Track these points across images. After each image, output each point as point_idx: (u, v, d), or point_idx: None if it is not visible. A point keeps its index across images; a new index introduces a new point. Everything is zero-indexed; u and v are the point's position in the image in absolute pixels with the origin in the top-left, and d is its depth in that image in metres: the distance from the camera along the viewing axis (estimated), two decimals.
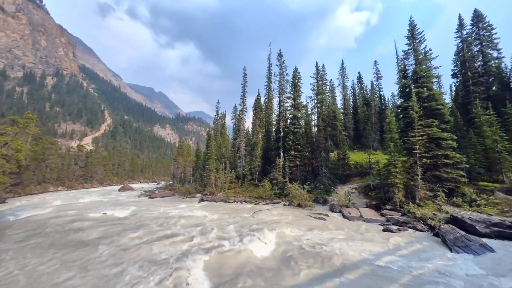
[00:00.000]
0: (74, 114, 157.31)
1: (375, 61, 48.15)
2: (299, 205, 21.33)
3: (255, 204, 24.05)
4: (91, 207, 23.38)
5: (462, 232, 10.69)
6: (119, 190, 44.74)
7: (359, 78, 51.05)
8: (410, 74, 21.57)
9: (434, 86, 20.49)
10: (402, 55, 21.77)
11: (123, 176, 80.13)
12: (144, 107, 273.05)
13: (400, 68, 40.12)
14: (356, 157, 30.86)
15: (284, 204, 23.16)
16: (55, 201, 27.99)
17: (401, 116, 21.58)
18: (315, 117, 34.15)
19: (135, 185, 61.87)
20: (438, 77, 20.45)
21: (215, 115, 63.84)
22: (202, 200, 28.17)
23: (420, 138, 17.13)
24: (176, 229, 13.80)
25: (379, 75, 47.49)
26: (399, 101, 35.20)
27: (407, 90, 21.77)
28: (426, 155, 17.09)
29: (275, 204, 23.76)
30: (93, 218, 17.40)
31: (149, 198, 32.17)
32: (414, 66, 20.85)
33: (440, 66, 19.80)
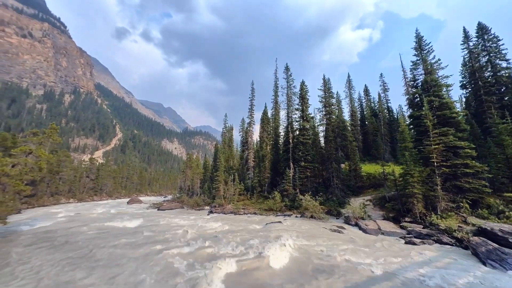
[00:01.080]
0: (88, 129, 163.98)
1: (381, 74, 48.74)
2: (311, 217, 20.63)
3: (266, 216, 23.44)
4: (103, 218, 23.42)
5: (495, 245, 9.93)
6: (127, 202, 44.85)
7: (366, 91, 51.44)
8: (419, 84, 21.63)
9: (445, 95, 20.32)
10: (411, 66, 22.02)
11: (131, 189, 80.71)
12: (153, 122, 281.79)
13: (406, 81, 40.37)
14: (368, 168, 30.10)
15: (296, 216, 22.46)
16: (68, 212, 28.28)
17: (412, 126, 21.28)
18: (323, 128, 34.21)
19: (142, 198, 61.93)
20: (449, 86, 20.31)
21: (223, 128, 64.92)
22: (211, 212, 27.75)
23: (437, 146, 16.68)
24: (188, 239, 13.52)
25: (386, 87, 47.75)
26: (408, 112, 34.95)
27: (417, 99, 21.72)
28: (444, 164, 16.50)
29: (286, 216, 23.06)
30: (106, 228, 17.36)
31: (157, 210, 32.00)
32: (423, 76, 20.97)
33: (451, 75, 19.80)
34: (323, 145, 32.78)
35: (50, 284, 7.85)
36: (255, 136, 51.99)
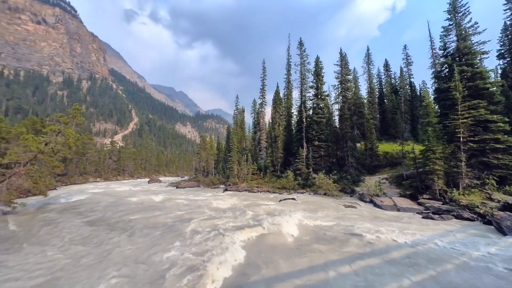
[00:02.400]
0: (106, 114, 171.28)
1: (405, 46, 44.48)
2: (325, 194, 20.85)
3: (279, 193, 24.05)
4: (129, 193, 25.44)
5: None
6: (148, 182, 47.95)
7: (386, 66, 47.66)
8: (450, 53, 19.53)
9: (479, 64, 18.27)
10: (441, 32, 19.71)
11: (150, 170, 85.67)
12: (167, 106, 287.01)
13: (433, 52, 36.56)
14: (385, 147, 29.10)
15: (309, 194, 22.82)
16: (97, 189, 30.98)
17: (437, 100, 19.71)
18: (338, 107, 32.86)
19: (161, 178, 65.72)
20: (485, 53, 18.10)
21: (235, 110, 64.63)
22: (226, 190, 28.96)
23: (465, 120, 15.51)
24: (208, 212, 14.40)
25: (409, 61, 43.86)
26: (433, 87, 32.33)
27: (445, 70, 19.82)
28: (472, 139, 15.44)
29: (299, 193, 23.50)
30: (134, 202, 18.92)
31: (176, 188, 33.99)
32: (455, 43, 18.81)
33: (488, 41, 17.57)
34: (338, 123, 31.81)
35: (91, 242, 8.90)
36: (267, 117, 51.47)
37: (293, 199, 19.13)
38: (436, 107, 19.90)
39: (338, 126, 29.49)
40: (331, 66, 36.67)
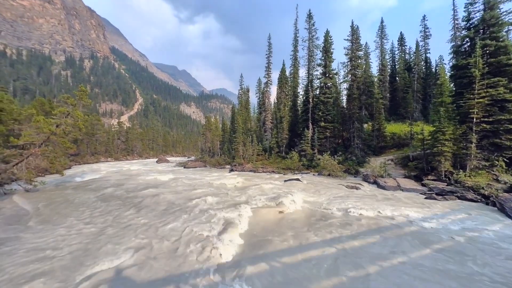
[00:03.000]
0: (111, 94, 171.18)
1: (424, 16, 40.70)
2: (329, 175, 21.18)
3: (284, 174, 24.57)
4: (140, 172, 26.60)
5: None
6: (156, 161, 49.56)
7: (401, 39, 44.24)
8: (474, 24, 17.81)
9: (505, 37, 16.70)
10: (466, 1, 17.78)
11: (157, 151, 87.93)
12: (170, 86, 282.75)
13: (455, 23, 33.39)
14: (393, 128, 28.44)
15: (313, 174, 23.22)
16: (109, 168, 32.42)
17: (455, 77, 18.56)
18: (347, 86, 31.55)
19: (168, 158, 67.68)
20: None
21: (239, 90, 63.13)
22: (232, 170, 29.75)
23: (481, 100, 14.75)
24: (216, 191, 15.04)
25: (427, 34, 40.48)
26: (451, 63, 30.26)
27: (466, 45, 18.30)
28: (486, 120, 14.86)
29: (304, 174, 23.94)
30: (145, 180, 19.86)
31: (184, 168, 35.14)
32: (481, 13, 17.03)
33: None
34: (345, 103, 30.88)
35: (109, 219, 9.63)
36: (272, 97, 50.22)
37: (298, 179, 19.56)
38: (452, 85, 18.86)
39: (345, 106, 28.66)
40: (341, 40, 34.30)
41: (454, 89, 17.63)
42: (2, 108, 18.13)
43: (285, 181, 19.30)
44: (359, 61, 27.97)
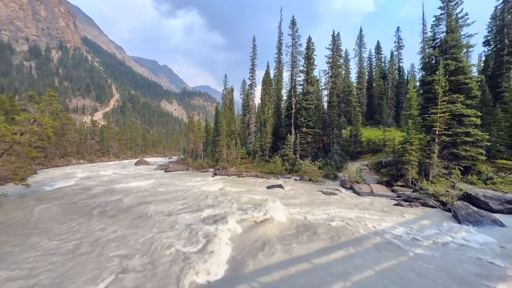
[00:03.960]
0: (83, 89, 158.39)
1: (398, 28, 43.90)
2: (310, 180, 22.05)
3: (267, 179, 25.04)
4: (115, 179, 25.17)
5: (475, 208, 10.97)
6: (135, 164, 47.23)
7: (378, 48, 47.19)
8: (438, 44, 19.71)
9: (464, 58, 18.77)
10: (433, 22, 19.58)
11: (136, 151, 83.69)
12: (150, 82, 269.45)
13: (424, 36, 36.45)
14: (369, 133, 30.40)
15: (295, 179, 23.99)
16: (81, 173, 30.22)
17: (421, 92, 20.40)
18: (327, 92, 32.94)
19: (148, 159, 64.80)
20: (470, 46, 18.56)
21: (223, 90, 62.47)
22: (215, 174, 29.52)
23: (442, 115, 16.45)
24: (197, 200, 14.90)
25: (401, 44, 43.79)
26: (420, 74, 32.88)
27: (432, 62, 20.19)
28: (446, 132, 16.62)
29: (286, 179, 24.63)
30: (120, 189, 18.89)
31: (165, 172, 34.01)
32: (444, 34, 18.90)
33: (475, 34, 17.87)
34: (326, 109, 32.22)
35: (85, 232, 9.13)
36: (257, 98, 50.49)
37: (280, 186, 20.10)
38: (419, 98, 20.68)
39: (326, 112, 29.90)
40: (324, 43, 35.68)
41: (422, 102, 19.35)
42: None
43: (268, 187, 19.71)
44: (339, 70, 29.30)
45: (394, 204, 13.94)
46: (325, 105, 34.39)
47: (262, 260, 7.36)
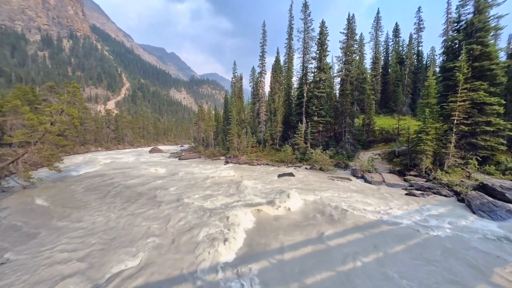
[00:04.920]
0: (95, 78, 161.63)
1: (419, 8, 40.80)
2: (320, 169, 22.36)
3: (278, 167, 25.57)
4: (134, 165, 26.66)
5: (490, 198, 11.00)
6: (149, 151, 49.16)
7: (396, 31, 44.45)
8: (463, 26, 18.46)
9: (491, 41, 17.54)
10: (459, 1, 18.21)
11: (148, 139, 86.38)
12: (159, 70, 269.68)
13: (448, 17, 33.89)
14: (382, 122, 29.74)
15: (306, 168, 24.36)
16: (102, 160, 32.09)
17: (441, 79, 19.50)
18: (340, 80, 32.02)
19: (161, 147, 67.02)
20: (499, 28, 17.23)
21: (232, 78, 61.93)
22: (227, 162, 30.41)
23: (462, 103, 15.88)
24: (213, 186, 15.74)
25: (421, 26, 40.96)
26: (441, 58, 31.10)
27: (455, 46, 19.07)
28: (465, 121, 16.12)
29: (297, 167, 25.04)
30: (142, 175, 20.14)
31: (179, 159, 35.37)
32: (471, 16, 17.62)
33: (506, 15, 16.54)
34: (338, 97, 31.55)
35: (113, 216, 10.17)
36: (266, 87, 49.87)
37: (291, 174, 20.60)
38: (439, 86, 19.85)
39: (338, 100, 29.33)
40: (337, 27, 34.02)
41: (441, 90, 18.60)
42: None
43: (279, 175, 20.27)
44: (354, 56, 28.23)
45: (406, 194, 14.09)
46: (337, 93, 33.62)
47: (277, 242, 8.00)
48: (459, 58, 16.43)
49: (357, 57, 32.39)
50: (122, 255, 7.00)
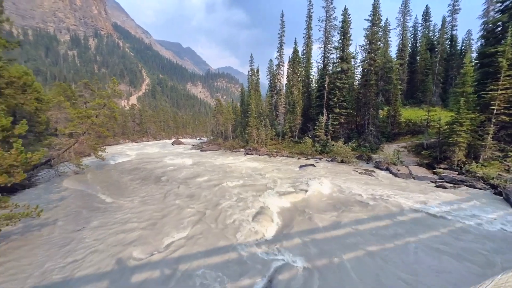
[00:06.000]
0: (118, 74, 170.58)
1: None
2: (342, 161, 22.24)
3: (298, 159, 25.83)
4: (162, 156, 28.63)
5: None
6: (172, 144, 51.82)
7: (426, 14, 41.12)
8: (508, 6, 16.80)
9: None
10: None
11: (169, 132, 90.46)
12: (176, 65, 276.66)
13: (491, 0, 30.66)
14: (409, 113, 28.36)
15: (327, 160, 24.35)
16: (132, 151, 34.75)
17: (479, 65, 18.08)
18: (363, 70, 30.73)
19: (182, 140, 70.08)
20: None
21: (249, 71, 61.97)
22: (247, 154, 31.27)
23: (504, 92, 14.76)
24: (239, 175, 16.60)
25: (456, 8, 37.37)
26: (479, 43, 28.52)
27: (498, 29, 17.49)
28: (506, 111, 15.01)
29: (317, 159, 25.11)
30: (172, 164, 21.70)
31: (200, 151, 37.03)
32: None
33: None
34: (359, 87, 30.45)
35: (158, 197, 11.37)
36: (284, 79, 49.35)
37: (313, 165, 20.81)
38: (476, 74, 18.46)
39: (361, 91, 28.41)
40: (358, 13, 32.41)
41: (478, 78, 17.33)
42: (41, 99, 19.54)
43: (300, 166, 20.60)
44: (379, 44, 26.92)
45: (436, 186, 13.74)
46: (358, 83, 32.46)
47: (311, 223, 8.53)
48: (502, 42, 15.14)
49: (382, 45, 30.75)
50: (172, 228, 8.03)
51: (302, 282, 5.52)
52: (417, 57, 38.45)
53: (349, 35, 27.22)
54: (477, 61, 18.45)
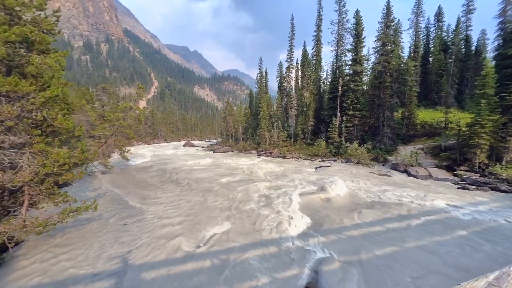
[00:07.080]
0: (128, 78, 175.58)
1: None
2: (358, 163, 22.35)
3: (312, 160, 26.07)
4: (177, 157, 29.46)
5: None
6: (183, 145, 52.91)
7: (438, 15, 40.75)
8: None
9: None
10: None
11: (178, 134, 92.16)
12: (184, 68, 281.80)
13: None
14: (423, 115, 28.13)
15: (341, 162, 24.47)
16: (148, 152, 35.86)
17: (500, 67, 17.93)
18: (376, 71, 30.72)
19: (193, 142, 71.33)
20: None
21: (258, 74, 62.74)
22: (259, 155, 31.72)
23: None
24: (259, 175, 17.04)
25: (471, 8, 36.84)
26: (495, 42, 28.13)
27: None
28: None
29: (331, 161, 25.26)
30: (189, 165, 22.41)
31: (213, 152, 37.76)
32: None
33: None
34: (373, 90, 30.44)
35: (188, 190, 11.94)
36: (294, 81, 49.70)
37: (329, 166, 21.04)
38: (496, 75, 18.29)
39: (375, 93, 28.44)
40: (370, 14, 32.51)
41: (498, 79, 17.20)
42: (71, 102, 20.62)
43: (316, 168, 20.85)
44: (393, 46, 26.98)
45: (458, 188, 13.75)
46: (373, 85, 32.44)
47: (334, 222, 8.84)
48: None
49: (395, 47, 30.73)
50: (210, 224, 8.55)
51: (342, 275, 5.88)
52: (430, 58, 38.10)
53: (362, 37, 27.41)
54: (495, 62, 18.32)
